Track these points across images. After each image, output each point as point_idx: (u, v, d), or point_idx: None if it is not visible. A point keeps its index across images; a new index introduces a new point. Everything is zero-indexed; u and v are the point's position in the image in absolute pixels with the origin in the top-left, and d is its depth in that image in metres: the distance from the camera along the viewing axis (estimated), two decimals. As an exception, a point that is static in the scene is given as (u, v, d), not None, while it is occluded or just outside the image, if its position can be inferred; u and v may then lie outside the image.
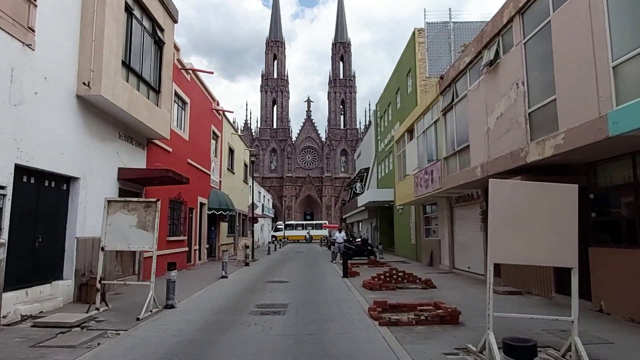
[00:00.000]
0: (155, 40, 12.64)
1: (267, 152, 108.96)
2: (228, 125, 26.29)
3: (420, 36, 21.98)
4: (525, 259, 5.21)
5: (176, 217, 16.36)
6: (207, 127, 21.18)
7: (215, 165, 22.56)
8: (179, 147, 16.45)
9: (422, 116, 16.26)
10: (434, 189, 14.30)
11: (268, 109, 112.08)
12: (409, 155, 18.31)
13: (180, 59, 16.30)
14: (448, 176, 13.16)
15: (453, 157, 12.92)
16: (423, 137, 16.19)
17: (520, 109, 8.51)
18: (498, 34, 9.59)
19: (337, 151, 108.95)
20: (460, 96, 12.13)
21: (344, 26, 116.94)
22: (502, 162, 9.23)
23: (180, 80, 16.71)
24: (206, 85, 20.53)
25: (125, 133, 11.65)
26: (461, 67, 11.79)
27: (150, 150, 13.47)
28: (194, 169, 18.59)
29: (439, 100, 13.95)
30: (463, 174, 11.73)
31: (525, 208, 5.07)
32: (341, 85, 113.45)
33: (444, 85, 13.30)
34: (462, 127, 12.13)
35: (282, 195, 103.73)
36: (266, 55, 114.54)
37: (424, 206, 20.14)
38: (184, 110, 17.57)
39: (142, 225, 8.18)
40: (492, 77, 9.91)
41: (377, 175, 34.41)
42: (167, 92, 13.35)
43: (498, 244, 5.03)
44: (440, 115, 13.78)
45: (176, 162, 15.86)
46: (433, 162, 14.60)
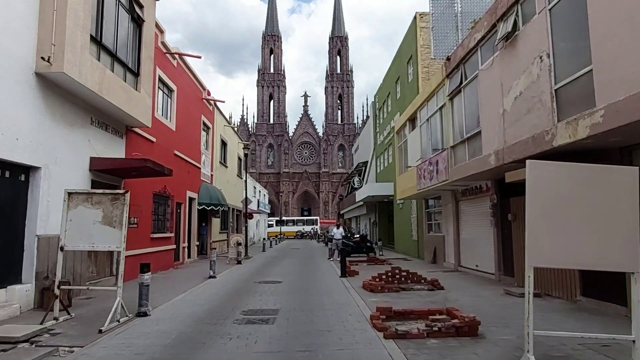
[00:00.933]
0: (134, 17, 11.44)
1: (263, 147, 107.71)
2: (220, 116, 25.10)
3: (422, 20, 20.80)
4: (573, 262, 4.11)
5: (161, 213, 15.21)
6: (196, 117, 19.99)
7: (206, 158, 21.39)
8: (165, 137, 15.28)
9: (425, 103, 15.12)
10: (440, 181, 13.19)
11: (265, 104, 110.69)
12: (411, 146, 17.19)
13: (164, 41, 15.10)
14: (456, 166, 12.05)
15: (461, 145, 11.80)
16: (427, 126, 15.06)
17: (545, 86, 7.39)
18: (516, 2, 8.45)
19: (335, 146, 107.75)
20: (470, 77, 10.99)
21: (341, 20, 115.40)
22: (521, 148, 8.11)
23: (165, 65, 15.52)
24: (195, 73, 19.33)
25: (99, 119, 10.48)
26: (471, 44, 10.65)
27: (130, 139, 12.30)
28: (182, 162, 17.42)
29: (445, 84, 12.82)
30: (474, 163, 10.62)
31: (571, 197, 3.97)
32: (338, 80, 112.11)
33: (451, 67, 12.16)
34: (472, 112, 11.00)
35: (279, 191, 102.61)
36: (262, 50, 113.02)
37: (426, 200, 19.05)
38: (170, 98, 16.38)
39: (108, 220, 7.04)
40: (509, 52, 8.77)
41: (376, 169, 33.30)
42: (147, 75, 12.16)
43: (538, 243, 3.93)
44: (447, 100, 12.65)
45: (161, 153, 14.70)
46: (438, 151, 13.49)
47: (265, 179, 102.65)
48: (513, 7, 8.54)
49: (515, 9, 8.51)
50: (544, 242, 3.89)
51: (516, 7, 8.50)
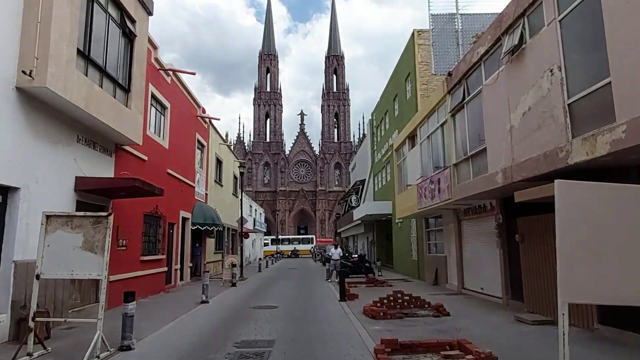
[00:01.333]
0: (125, 32, 11.07)
1: (260, 165, 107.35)
2: (215, 134, 24.69)
3: (420, 38, 20.64)
4: (615, 297, 3.59)
5: (153, 234, 14.60)
6: (191, 135, 19.55)
7: (200, 177, 20.87)
8: (157, 155, 14.78)
9: (425, 120, 14.74)
10: (442, 200, 12.71)
11: (261, 122, 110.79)
12: (411, 164, 16.76)
13: (158, 57, 14.74)
14: (459, 185, 11.59)
15: (465, 163, 11.35)
16: (427, 143, 14.65)
17: (557, 100, 6.98)
18: (523, 15, 8.11)
19: (331, 164, 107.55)
20: (474, 93, 10.62)
21: (337, 39, 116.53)
22: (531, 166, 7.66)
23: (159, 82, 15.13)
24: (190, 90, 18.96)
25: (86, 136, 9.98)
26: (474, 59, 10.30)
27: (119, 157, 11.79)
28: (175, 181, 16.89)
29: (447, 101, 12.45)
30: (479, 181, 10.15)
31: (610, 222, 3.48)
32: (335, 98, 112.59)
33: (452, 83, 11.81)
34: (475, 128, 10.59)
35: (276, 210, 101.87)
36: (259, 69, 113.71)
37: (427, 219, 18.54)
38: (163, 115, 15.95)
39: (89, 246, 6.47)
40: (516, 66, 8.40)
41: (374, 187, 32.83)
42: (138, 91, 11.74)
43: (572, 275, 3.42)
44: (449, 116, 12.27)
45: (152, 172, 14.18)
46: (440, 169, 13.04)
47: (261, 197, 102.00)
48: (519, 19, 8.20)
49: (521, 21, 8.17)
50: (580, 274, 3.40)
51: (523, 19, 8.16)
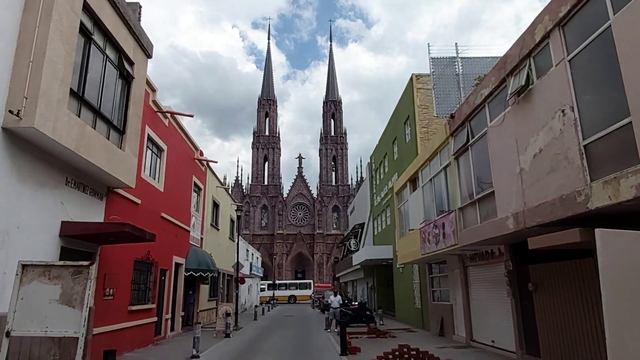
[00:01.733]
0: (122, 73, 10.91)
1: (257, 208, 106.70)
2: (213, 177, 24.34)
3: (419, 82, 20.77)
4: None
5: (143, 282, 13.86)
6: (187, 178, 19.17)
7: (196, 221, 20.30)
8: (151, 199, 14.31)
9: (427, 163, 14.43)
10: (447, 246, 12.15)
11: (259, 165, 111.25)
12: (413, 208, 16.30)
13: (156, 100, 14.58)
14: (465, 230, 11.08)
15: (471, 207, 10.90)
16: (430, 186, 14.26)
17: (571, 142, 6.64)
18: (529, 56, 7.94)
19: (329, 208, 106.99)
20: (478, 135, 10.34)
21: (335, 85, 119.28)
22: (546, 211, 7.21)
23: (156, 124, 14.91)
24: (188, 133, 18.77)
25: (76, 179, 9.54)
26: (478, 101, 10.09)
27: (111, 201, 11.31)
28: (170, 225, 16.32)
29: (449, 143, 12.18)
30: (487, 226, 9.66)
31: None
32: (332, 142, 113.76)
33: (455, 125, 11.57)
34: (481, 171, 10.23)
35: (273, 253, 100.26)
36: (258, 113, 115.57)
37: (430, 265, 17.85)
38: (159, 157, 15.62)
39: (67, 299, 5.87)
40: (523, 107, 8.14)
41: (373, 231, 32.19)
42: (134, 133, 11.44)
43: (625, 340, 2.89)
44: (452, 159, 11.95)
45: (146, 216, 13.66)
46: (444, 213, 12.57)
47: (258, 240, 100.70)
48: (525, 60, 8.03)
49: (527, 62, 7.98)
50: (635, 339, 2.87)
51: (528, 60, 7.98)
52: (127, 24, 10.93)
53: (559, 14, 6.94)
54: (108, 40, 10.24)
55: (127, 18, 10.84)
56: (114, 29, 10.30)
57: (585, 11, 6.48)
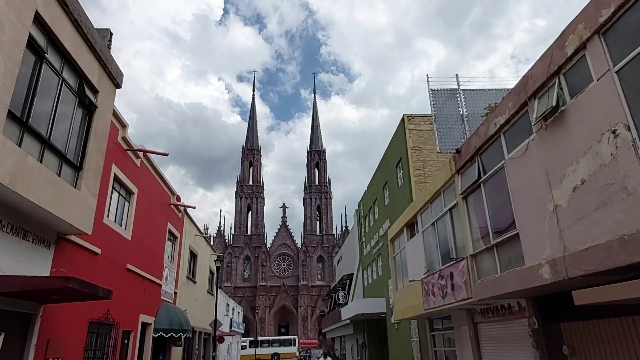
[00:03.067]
0: (83, 101, 9.47)
1: (240, 259, 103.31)
2: (191, 224, 22.48)
3: (411, 122, 19.88)
4: None
5: (100, 347, 11.69)
6: (161, 225, 17.35)
7: (169, 273, 18.25)
8: (115, 248, 12.47)
9: (428, 205, 13.04)
10: (458, 299, 10.51)
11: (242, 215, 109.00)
12: (412, 256, 14.72)
13: (126, 137, 13.10)
14: (482, 282, 9.50)
15: (487, 253, 9.40)
16: (432, 231, 12.79)
17: (630, 167, 5.33)
18: (558, 72, 6.80)
19: (314, 258, 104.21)
20: (493, 170, 9.03)
21: (319, 135, 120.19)
22: (600, 256, 5.76)
23: (126, 164, 13.33)
24: (163, 175, 17.18)
25: (13, 222, 7.80)
26: (491, 131, 8.89)
27: (61, 250, 9.49)
28: (137, 278, 14.33)
29: (455, 181, 10.87)
30: (511, 277, 8.12)
31: None
32: (317, 191, 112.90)
33: (462, 161, 10.31)
34: (499, 211, 8.86)
35: (255, 306, 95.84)
36: (242, 163, 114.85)
37: (431, 320, 16.02)
38: (128, 201, 13.91)
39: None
40: (554, 132, 6.91)
41: (363, 282, 30.22)
42: (94, 170, 9.84)
43: None
44: (460, 199, 10.58)
45: (107, 268, 11.78)
46: (452, 262, 11.03)
47: (240, 293, 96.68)
48: (553, 78, 6.88)
49: (556, 80, 6.83)
50: None
51: (557, 78, 6.83)
52: (91, 46, 9.63)
53: (598, 19, 5.85)
54: (66, 62, 8.86)
55: (91, 40, 9.55)
56: (74, 51, 8.96)
57: (635, 12, 5.38)
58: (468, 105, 11.40)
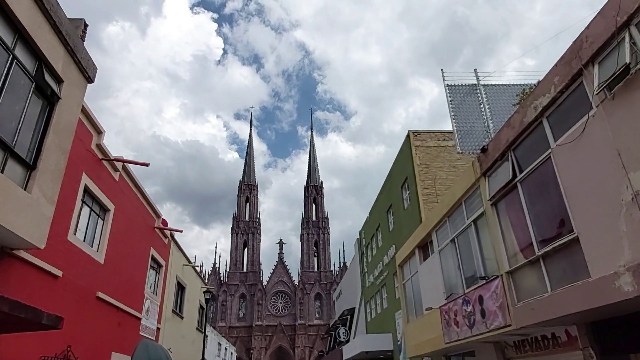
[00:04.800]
0: (42, 89, 7.96)
1: (235, 297, 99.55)
2: (178, 252, 20.56)
3: (417, 139, 18.49)
4: None
5: (56, 392, 9.66)
6: (143, 250, 15.51)
7: (151, 306, 16.23)
8: (83, 271, 10.66)
9: (445, 220, 11.38)
10: (492, 329, 8.66)
11: (238, 251, 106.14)
12: (426, 281, 12.90)
13: (101, 144, 11.53)
14: (525, 304, 7.70)
15: (531, 268, 7.67)
16: (451, 249, 11.05)
17: None
18: (627, 24, 5.36)
19: (311, 295, 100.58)
20: (534, 165, 7.45)
21: (316, 170, 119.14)
22: None
23: (100, 176, 11.70)
24: (147, 194, 15.50)
25: None
26: (529, 118, 7.39)
27: (5, 268, 7.71)
28: (110, 309, 12.40)
29: (481, 186, 9.27)
30: (572, 295, 6.34)
31: None
32: (314, 227, 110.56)
33: (490, 161, 8.76)
34: (544, 214, 7.22)
35: (251, 347, 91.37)
36: (238, 198, 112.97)
37: (448, 357, 13.97)
38: (102, 219, 12.19)
39: None
40: (626, 99, 5.41)
41: (366, 317, 27.95)
42: (53, 172, 8.21)
43: None
44: (488, 206, 8.94)
45: (70, 295, 9.94)
46: (481, 283, 9.25)
47: (235, 333, 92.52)
48: (622, 32, 5.43)
49: (625, 34, 5.39)
50: None
51: (626, 32, 5.39)
52: (56, 28, 8.25)
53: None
54: (21, 39, 7.43)
55: (55, 19, 8.17)
56: (32, 29, 7.55)
57: None
58: (490, 101, 10.01)
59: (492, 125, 9.71)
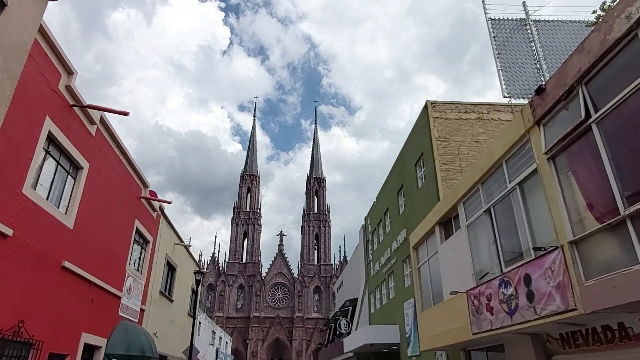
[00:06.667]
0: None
1: (234, 288, 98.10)
2: (169, 230, 18.83)
3: (435, 110, 16.64)
4: None
5: (2, 376, 7.93)
6: (125, 221, 13.75)
7: (134, 284, 14.51)
8: (44, 235, 8.92)
9: (476, 188, 9.55)
10: (545, 314, 6.85)
11: (238, 242, 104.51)
12: (448, 262, 11.11)
13: (72, 87, 9.72)
14: (598, 280, 5.89)
15: (608, 234, 5.83)
16: (484, 222, 9.23)
17: None
18: None
19: (310, 289, 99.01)
20: (623, 95, 5.60)
21: (319, 162, 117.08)
22: None
23: (70, 126, 9.92)
24: (131, 157, 13.71)
25: None
26: (618, 32, 5.54)
27: None
28: (81, 283, 10.68)
29: (532, 138, 7.44)
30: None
31: None
32: (315, 219, 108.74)
33: (548, 104, 6.92)
34: (635, 161, 5.39)
35: (248, 338, 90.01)
36: (240, 188, 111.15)
37: (468, 352, 12.21)
38: (73, 177, 10.43)
39: None
40: None
41: (369, 308, 26.23)
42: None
43: None
44: (543, 161, 7.11)
45: (24, 260, 8.19)
46: (531, 258, 7.44)
47: (232, 323, 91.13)
48: None
49: None
50: None
51: None
52: None
53: None
54: None
55: None
56: None
57: None
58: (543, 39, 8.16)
59: (546, 66, 7.88)
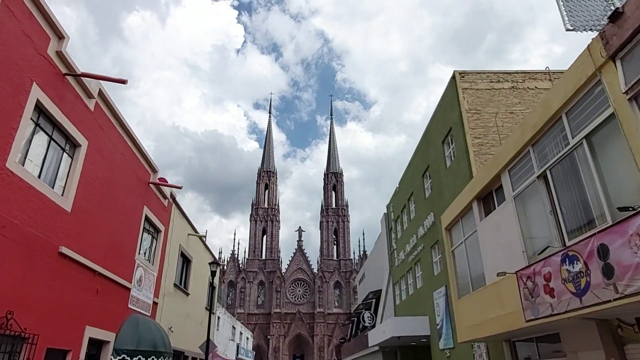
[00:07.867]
0: None
1: (254, 284, 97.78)
2: (182, 220, 17.88)
3: (464, 80, 15.22)
4: None
5: (-13, 374, 6.98)
6: (133, 207, 12.79)
7: (145, 275, 13.56)
8: (36, 216, 7.96)
9: (526, 150, 8.19)
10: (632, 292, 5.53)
11: (257, 238, 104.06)
12: (489, 240, 9.78)
13: (63, 52, 8.71)
14: None
15: None
16: (538, 190, 7.89)
17: None
18: None
19: (330, 284, 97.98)
20: None
21: (336, 157, 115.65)
22: None
23: (63, 96, 8.92)
24: (136, 139, 12.72)
25: None
26: None
27: None
28: (84, 272, 9.71)
29: (604, 78, 6.08)
30: None
31: None
32: (334, 215, 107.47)
33: (627, 31, 5.56)
34: None
35: (269, 334, 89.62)
36: (257, 185, 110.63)
37: (513, 343, 10.87)
38: (70, 156, 9.45)
39: None
40: None
41: (394, 299, 24.94)
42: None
43: None
44: (623, 104, 5.73)
45: (12, 244, 7.22)
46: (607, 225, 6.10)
47: (254, 320, 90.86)
48: None
49: None
50: None
51: None
52: None
53: None
54: None
55: None
56: None
57: None
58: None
59: (617, -7, 6.52)
